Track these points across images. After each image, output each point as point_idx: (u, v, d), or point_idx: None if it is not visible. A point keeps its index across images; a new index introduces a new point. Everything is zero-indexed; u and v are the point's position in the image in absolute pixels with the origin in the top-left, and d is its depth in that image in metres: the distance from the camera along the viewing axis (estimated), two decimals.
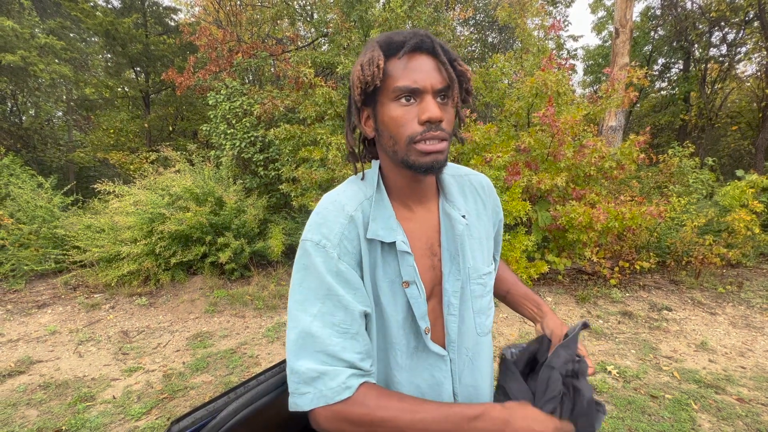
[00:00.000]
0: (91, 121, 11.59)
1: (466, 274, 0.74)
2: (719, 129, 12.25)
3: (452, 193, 0.77)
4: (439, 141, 0.64)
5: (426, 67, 0.63)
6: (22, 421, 2.36)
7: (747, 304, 4.26)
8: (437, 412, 0.60)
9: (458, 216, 0.74)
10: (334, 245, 0.66)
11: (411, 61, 0.63)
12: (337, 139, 4.90)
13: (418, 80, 0.62)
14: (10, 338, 3.53)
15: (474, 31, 12.36)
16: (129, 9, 10.22)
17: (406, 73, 0.63)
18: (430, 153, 0.64)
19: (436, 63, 0.64)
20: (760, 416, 2.34)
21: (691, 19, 10.95)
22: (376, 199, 0.71)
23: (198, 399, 2.60)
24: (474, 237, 0.77)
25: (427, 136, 0.63)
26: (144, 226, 4.56)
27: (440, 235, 0.74)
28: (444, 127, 0.64)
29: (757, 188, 5.15)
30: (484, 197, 0.83)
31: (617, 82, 4.77)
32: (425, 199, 0.75)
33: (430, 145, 0.63)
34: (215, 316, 4.11)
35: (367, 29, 5.76)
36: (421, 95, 0.63)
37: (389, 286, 0.69)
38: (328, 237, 0.66)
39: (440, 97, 0.65)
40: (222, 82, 6.67)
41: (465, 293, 0.74)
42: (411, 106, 0.64)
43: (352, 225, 0.68)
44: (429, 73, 0.63)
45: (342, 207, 0.69)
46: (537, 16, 6.01)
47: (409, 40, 0.63)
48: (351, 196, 0.71)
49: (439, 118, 0.62)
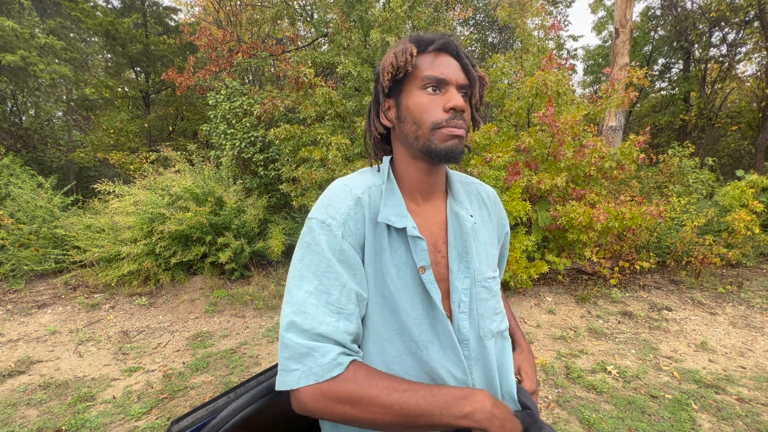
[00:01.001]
0: (91, 121, 11.59)
1: (472, 274, 0.74)
2: (719, 129, 12.25)
3: (460, 194, 0.80)
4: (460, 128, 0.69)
5: (451, 65, 0.70)
6: (22, 421, 2.36)
7: (747, 304, 4.26)
8: (426, 391, 0.61)
9: (466, 215, 0.76)
10: (339, 225, 0.67)
11: (438, 58, 0.69)
12: (337, 139, 4.90)
13: (445, 73, 0.68)
14: (10, 338, 3.53)
15: (474, 31, 12.36)
16: (129, 9, 10.22)
17: (434, 66, 0.69)
18: (453, 137, 0.68)
19: (459, 64, 0.70)
20: (760, 416, 2.34)
21: (691, 19, 10.95)
22: (386, 187, 0.73)
23: (198, 399, 2.60)
24: (480, 240, 0.77)
25: (451, 123, 0.68)
26: (144, 226, 4.56)
27: (447, 233, 0.75)
28: (465, 117, 0.70)
29: (757, 188, 5.16)
30: (490, 207, 0.85)
31: (617, 82, 4.77)
32: (433, 196, 0.77)
33: (455, 129, 0.68)
34: (215, 316, 4.11)
35: (367, 29, 5.75)
36: (447, 86, 0.69)
37: (397, 272, 0.69)
38: (333, 216, 0.68)
39: (462, 93, 0.71)
40: (222, 82, 6.67)
41: (471, 294, 0.74)
42: (436, 96, 0.69)
43: (358, 206, 0.70)
44: (454, 69, 0.69)
45: (350, 190, 0.72)
46: (537, 16, 6.00)
47: (438, 39, 0.70)
48: (360, 181, 0.74)
49: (464, 107, 0.68)
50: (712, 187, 6.34)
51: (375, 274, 0.69)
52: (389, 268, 0.68)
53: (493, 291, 0.77)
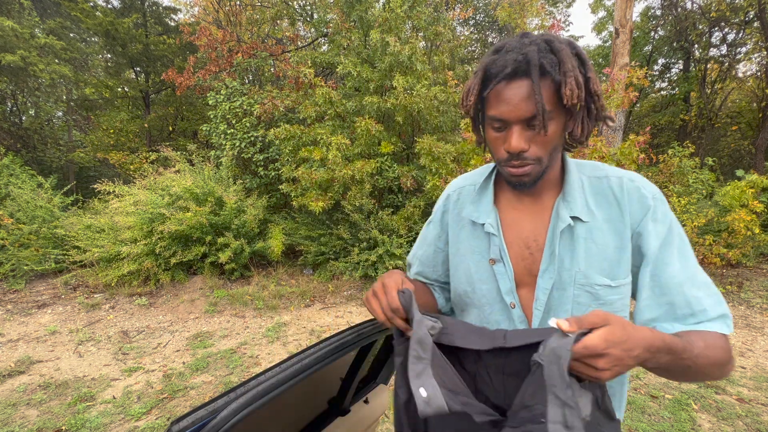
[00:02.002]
0: (91, 121, 11.58)
1: (571, 276, 0.72)
2: (719, 129, 12.24)
3: (572, 193, 0.74)
4: (522, 167, 0.69)
5: (518, 95, 0.64)
6: (22, 421, 2.36)
7: (747, 304, 4.26)
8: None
9: (566, 216, 0.73)
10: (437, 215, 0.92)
11: (505, 90, 0.65)
12: (337, 139, 4.90)
13: (504, 113, 0.65)
14: (10, 338, 3.53)
15: (474, 31, 12.37)
16: (129, 9, 10.22)
17: (496, 103, 0.66)
18: (514, 176, 0.71)
19: (530, 89, 0.63)
20: (760, 416, 2.34)
21: (691, 19, 10.95)
22: (481, 186, 0.83)
23: (198, 399, 2.60)
24: (596, 242, 0.72)
25: (509, 164, 0.70)
26: (144, 226, 4.56)
27: (548, 231, 0.75)
28: (528, 155, 0.68)
29: (757, 188, 5.15)
30: (623, 202, 0.73)
31: (617, 82, 4.77)
32: (538, 195, 0.78)
33: (513, 170, 0.70)
34: (215, 316, 4.11)
35: (367, 29, 5.75)
36: (509, 125, 0.67)
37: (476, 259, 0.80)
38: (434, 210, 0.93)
39: (533, 125, 0.66)
40: (222, 82, 6.67)
41: (564, 296, 0.73)
42: (501, 133, 0.69)
43: (447, 202, 0.89)
44: (518, 103, 0.64)
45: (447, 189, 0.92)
46: (537, 17, 6.00)
47: (501, 71, 0.64)
48: (461, 180, 0.90)
49: (520, 150, 0.66)
50: (712, 187, 6.33)
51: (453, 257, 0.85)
52: (471, 254, 0.81)
53: (602, 299, 0.71)
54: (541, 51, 0.63)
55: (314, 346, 0.87)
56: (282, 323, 3.93)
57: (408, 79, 5.05)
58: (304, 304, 4.49)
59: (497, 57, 0.65)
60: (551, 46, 0.64)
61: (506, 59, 0.64)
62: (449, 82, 5.62)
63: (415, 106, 5.02)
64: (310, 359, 0.82)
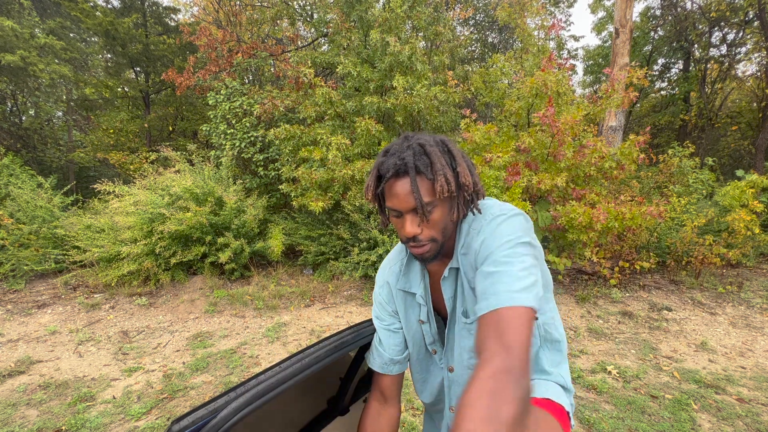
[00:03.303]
0: (91, 121, 11.58)
1: (455, 316, 0.91)
2: (719, 129, 12.24)
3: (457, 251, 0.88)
4: (420, 247, 0.82)
5: (403, 191, 0.76)
6: (22, 421, 2.36)
7: (747, 304, 4.26)
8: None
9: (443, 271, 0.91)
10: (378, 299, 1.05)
11: (393, 186, 0.78)
12: (337, 139, 4.90)
13: (396, 204, 0.78)
14: (10, 338, 3.53)
15: (474, 31, 12.36)
16: (129, 9, 10.21)
17: (389, 197, 0.79)
18: (416, 255, 0.84)
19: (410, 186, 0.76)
20: (760, 416, 2.34)
21: (691, 19, 10.95)
22: (408, 260, 0.98)
23: (198, 399, 2.60)
24: (465, 286, 0.87)
25: (410, 245, 0.83)
26: (144, 226, 4.56)
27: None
28: (422, 237, 0.80)
29: (757, 188, 5.16)
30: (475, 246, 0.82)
31: (617, 83, 4.77)
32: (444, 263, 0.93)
33: (414, 250, 0.84)
34: (215, 316, 4.11)
35: (367, 29, 5.75)
36: (402, 214, 0.79)
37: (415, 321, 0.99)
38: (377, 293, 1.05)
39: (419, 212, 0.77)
40: (222, 82, 6.67)
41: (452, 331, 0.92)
42: (399, 219, 0.81)
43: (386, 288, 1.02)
44: (404, 196, 0.76)
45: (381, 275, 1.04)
46: (537, 16, 6.00)
47: (388, 172, 0.77)
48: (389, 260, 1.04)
49: (414, 234, 0.79)
50: (712, 187, 6.33)
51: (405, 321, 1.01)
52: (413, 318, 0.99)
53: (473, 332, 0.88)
54: (416, 154, 0.76)
55: (314, 345, 0.88)
56: (282, 323, 3.93)
57: (408, 79, 5.05)
58: (304, 304, 4.49)
59: (384, 159, 0.79)
60: (424, 149, 0.77)
61: (389, 163, 0.77)
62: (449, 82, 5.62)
63: (415, 106, 5.01)
64: (309, 359, 0.82)
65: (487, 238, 0.78)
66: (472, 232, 0.84)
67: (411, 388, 2.68)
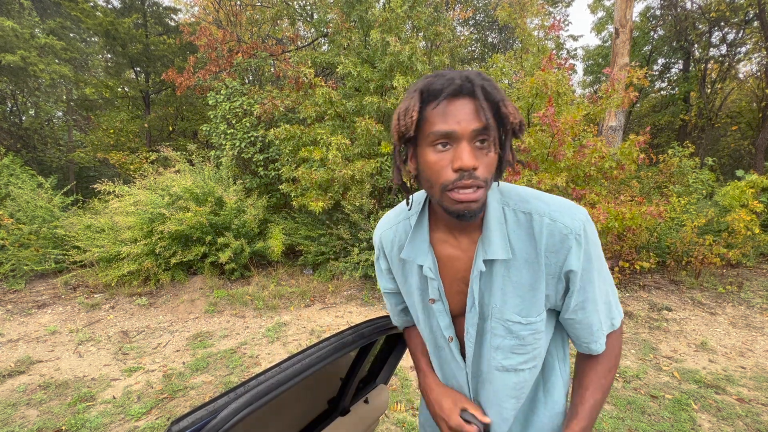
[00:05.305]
0: (91, 121, 11.58)
1: (489, 310, 0.76)
2: (719, 129, 12.24)
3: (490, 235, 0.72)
4: (473, 190, 0.64)
5: (464, 111, 0.62)
6: (22, 421, 2.36)
7: (747, 304, 4.26)
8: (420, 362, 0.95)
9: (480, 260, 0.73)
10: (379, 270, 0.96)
11: (449, 106, 0.62)
12: (337, 139, 4.89)
13: (453, 125, 0.62)
14: (10, 338, 3.53)
15: (474, 31, 12.37)
16: (129, 9, 10.22)
17: (443, 119, 0.62)
18: (462, 202, 0.64)
19: (475, 106, 0.62)
20: (760, 416, 2.34)
21: (691, 19, 10.96)
22: (416, 223, 0.80)
23: (198, 399, 2.60)
24: (511, 280, 0.73)
25: (458, 184, 0.63)
26: (144, 226, 4.56)
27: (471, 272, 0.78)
28: (479, 174, 0.63)
29: (757, 188, 5.16)
30: (540, 243, 0.71)
31: (617, 82, 4.77)
32: (470, 231, 0.76)
33: (462, 194, 0.64)
34: (215, 316, 4.11)
35: (367, 29, 5.75)
36: (457, 141, 0.62)
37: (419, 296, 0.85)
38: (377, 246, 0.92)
39: (479, 141, 0.63)
40: (222, 82, 6.67)
41: (485, 326, 0.78)
42: (446, 152, 0.64)
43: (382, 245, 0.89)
44: (466, 117, 0.62)
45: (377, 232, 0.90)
46: (537, 16, 6.01)
47: (446, 88, 0.62)
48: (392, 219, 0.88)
49: (472, 166, 0.62)
50: (712, 187, 6.34)
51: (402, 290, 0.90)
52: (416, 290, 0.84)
53: (516, 333, 0.75)
54: (480, 75, 0.63)
55: (314, 346, 0.87)
56: (282, 323, 3.93)
57: (408, 79, 5.05)
58: (304, 304, 4.49)
59: (434, 80, 0.64)
60: (482, 76, 0.64)
61: (444, 81, 0.63)
62: None
63: None
64: (310, 359, 0.82)
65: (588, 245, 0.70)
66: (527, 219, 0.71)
67: (411, 388, 2.68)
